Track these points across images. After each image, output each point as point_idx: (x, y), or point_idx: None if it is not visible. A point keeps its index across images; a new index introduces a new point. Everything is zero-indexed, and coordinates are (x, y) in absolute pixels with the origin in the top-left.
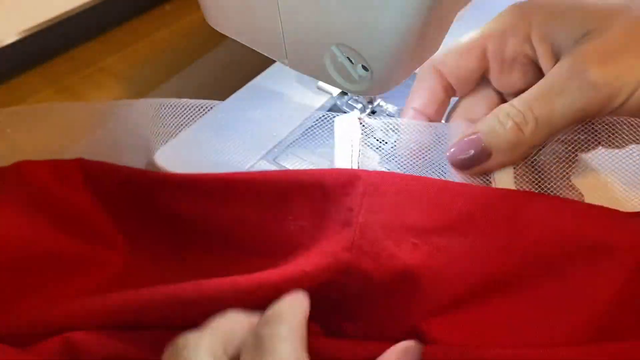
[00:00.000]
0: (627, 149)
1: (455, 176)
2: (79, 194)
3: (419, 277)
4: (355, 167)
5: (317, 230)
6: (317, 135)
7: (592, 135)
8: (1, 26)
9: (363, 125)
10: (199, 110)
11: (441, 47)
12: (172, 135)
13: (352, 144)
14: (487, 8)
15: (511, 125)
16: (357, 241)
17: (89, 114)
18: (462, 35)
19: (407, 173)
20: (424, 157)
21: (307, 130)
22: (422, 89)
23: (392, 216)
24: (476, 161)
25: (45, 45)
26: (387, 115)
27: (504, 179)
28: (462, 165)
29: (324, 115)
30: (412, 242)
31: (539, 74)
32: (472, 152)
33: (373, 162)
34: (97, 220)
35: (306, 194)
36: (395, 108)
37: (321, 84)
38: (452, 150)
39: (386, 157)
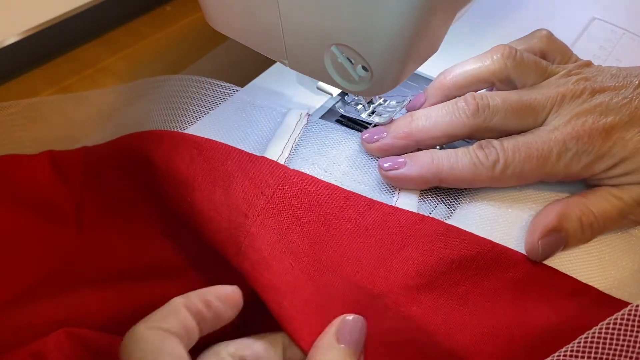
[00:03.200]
0: None
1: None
2: (44, 182)
3: (284, 294)
4: (285, 155)
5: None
6: (317, 135)
7: None
8: (1, 26)
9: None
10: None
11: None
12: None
13: (291, 136)
14: (487, 8)
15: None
16: (244, 248)
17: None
18: (461, 36)
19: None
20: None
21: (307, 130)
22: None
23: (278, 235)
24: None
25: (46, 46)
26: (388, 109)
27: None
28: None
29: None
30: (289, 262)
31: None
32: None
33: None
34: (55, 201)
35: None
36: (394, 102)
37: (321, 84)
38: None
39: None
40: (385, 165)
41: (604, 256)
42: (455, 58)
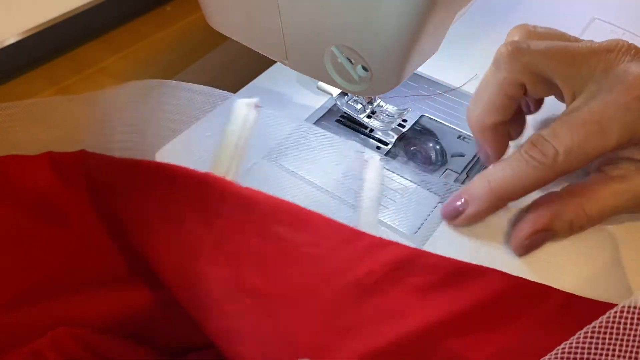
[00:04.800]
0: None
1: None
2: (44, 183)
3: (243, 338)
4: (239, 152)
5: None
6: (317, 135)
7: None
8: (1, 26)
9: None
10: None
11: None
12: (173, 134)
13: (237, 142)
14: (487, 8)
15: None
16: (197, 292)
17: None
18: (461, 36)
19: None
20: None
21: (307, 130)
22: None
23: (232, 273)
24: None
25: (46, 46)
26: (387, 115)
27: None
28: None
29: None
30: (247, 302)
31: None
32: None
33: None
34: (55, 203)
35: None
36: (395, 108)
37: (321, 84)
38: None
39: (386, 157)
40: (449, 216)
41: (574, 254)
42: (455, 58)
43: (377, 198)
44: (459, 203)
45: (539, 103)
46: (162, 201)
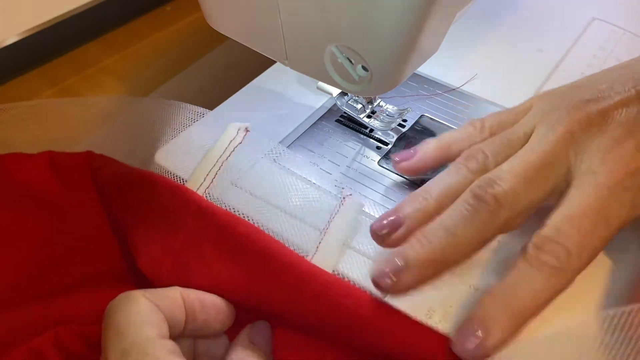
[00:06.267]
0: None
1: None
2: (42, 179)
3: None
4: (215, 169)
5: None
6: (317, 135)
7: None
8: (1, 26)
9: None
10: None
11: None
12: (173, 135)
13: (227, 150)
14: (487, 9)
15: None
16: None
17: (95, 109)
18: (461, 36)
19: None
20: None
21: (307, 130)
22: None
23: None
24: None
25: (46, 46)
26: (387, 115)
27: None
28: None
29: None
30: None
31: None
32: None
33: (373, 163)
34: (53, 201)
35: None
36: (395, 108)
37: (321, 84)
38: None
39: (385, 157)
40: (468, 355)
41: None
42: (455, 58)
43: (341, 238)
44: (473, 338)
45: None
46: (145, 208)
